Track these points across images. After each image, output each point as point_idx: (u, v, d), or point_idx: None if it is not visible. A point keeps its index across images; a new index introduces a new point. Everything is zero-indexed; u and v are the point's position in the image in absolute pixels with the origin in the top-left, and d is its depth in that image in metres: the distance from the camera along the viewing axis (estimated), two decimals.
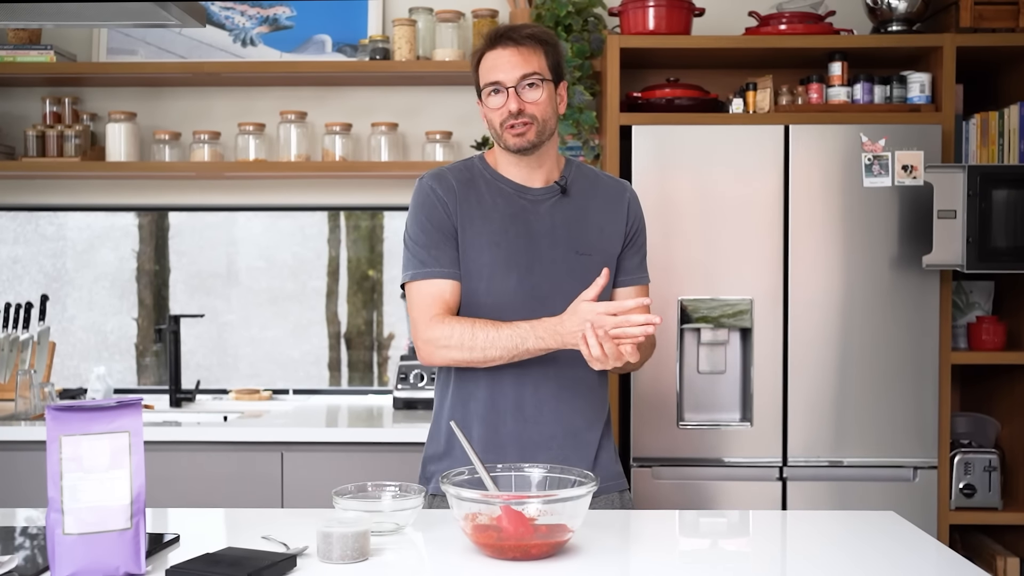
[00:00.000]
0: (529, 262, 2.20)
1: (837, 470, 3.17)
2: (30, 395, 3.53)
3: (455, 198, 2.22)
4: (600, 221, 2.27)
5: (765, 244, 3.17)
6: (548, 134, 2.21)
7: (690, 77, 3.62)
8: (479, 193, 2.24)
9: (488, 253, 2.20)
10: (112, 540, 1.63)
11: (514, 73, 2.16)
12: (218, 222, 4.05)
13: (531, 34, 2.19)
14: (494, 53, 2.19)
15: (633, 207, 2.33)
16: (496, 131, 2.20)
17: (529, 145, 2.18)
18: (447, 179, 2.24)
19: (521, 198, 2.24)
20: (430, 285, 2.20)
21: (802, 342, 3.17)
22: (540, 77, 2.18)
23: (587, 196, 2.27)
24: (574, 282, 2.18)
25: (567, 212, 2.24)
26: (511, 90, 2.16)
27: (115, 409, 1.65)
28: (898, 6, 3.38)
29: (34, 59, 3.65)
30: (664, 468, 3.18)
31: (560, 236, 2.23)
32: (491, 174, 2.27)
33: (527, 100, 2.17)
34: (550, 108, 2.20)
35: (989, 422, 3.53)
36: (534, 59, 2.18)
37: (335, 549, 1.73)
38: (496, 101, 2.18)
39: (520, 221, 2.22)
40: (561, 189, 2.25)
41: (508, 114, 2.16)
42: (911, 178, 3.14)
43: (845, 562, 1.81)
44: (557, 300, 2.16)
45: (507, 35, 2.18)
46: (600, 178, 2.34)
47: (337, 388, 4.04)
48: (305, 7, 3.81)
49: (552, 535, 1.75)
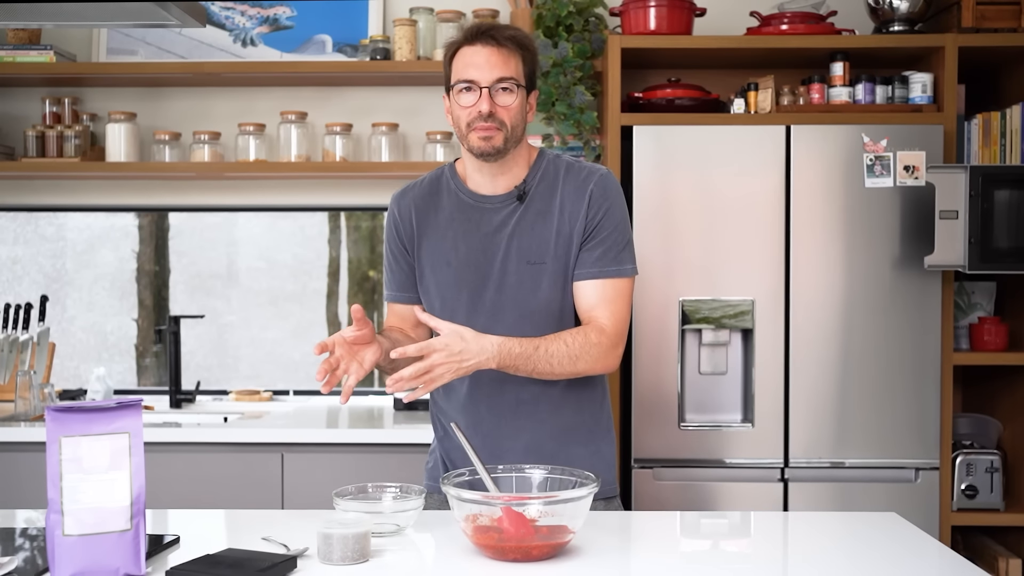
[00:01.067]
0: (480, 278, 2.18)
1: (839, 471, 3.16)
2: (30, 396, 3.53)
3: (412, 218, 2.24)
4: (558, 224, 2.17)
5: (766, 245, 3.16)
6: (515, 141, 2.14)
7: (691, 77, 3.61)
8: (439, 208, 2.23)
9: (441, 272, 2.20)
10: (112, 541, 1.63)
11: (491, 74, 2.10)
12: (218, 223, 4.04)
13: (512, 36, 2.13)
14: (472, 49, 2.12)
15: (596, 196, 2.16)
16: (461, 131, 2.15)
17: (493, 151, 2.12)
18: (407, 198, 2.27)
19: (478, 209, 2.20)
20: (389, 308, 2.30)
21: (804, 343, 3.16)
22: (515, 83, 2.12)
23: (548, 198, 2.19)
24: (525, 293, 2.16)
25: (521, 219, 2.18)
26: (485, 91, 2.09)
27: (115, 410, 1.64)
28: (900, 6, 3.38)
29: (34, 59, 3.64)
30: (665, 469, 3.17)
31: (512, 246, 2.17)
32: (456, 184, 2.24)
33: (499, 104, 2.10)
34: (520, 115, 2.13)
35: (991, 423, 3.53)
36: (512, 63, 2.12)
37: (335, 550, 1.72)
38: (467, 99, 2.12)
39: (474, 235, 2.19)
40: (518, 196, 2.19)
41: (477, 115, 2.10)
42: (913, 178, 3.13)
43: (847, 563, 1.81)
44: (508, 313, 2.16)
45: (489, 33, 2.12)
46: (570, 171, 2.20)
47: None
48: (305, 7, 3.81)
49: (553, 536, 1.75)
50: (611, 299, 2.16)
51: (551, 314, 2.18)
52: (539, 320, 2.17)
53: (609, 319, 2.14)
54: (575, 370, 2.11)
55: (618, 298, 2.17)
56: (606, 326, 2.13)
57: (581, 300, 2.18)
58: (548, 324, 2.17)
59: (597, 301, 2.16)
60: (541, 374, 2.09)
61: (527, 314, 2.17)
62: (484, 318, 2.16)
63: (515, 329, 2.12)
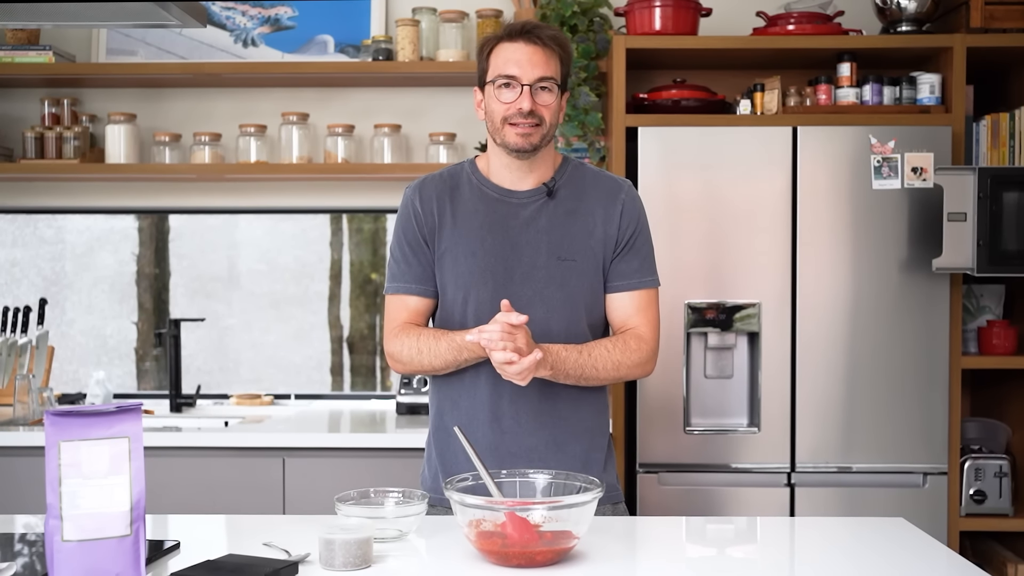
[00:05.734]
0: (507, 270, 2.18)
1: (846, 476, 3.14)
2: (28, 400, 3.51)
3: (433, 209, 2.23)
4: (589, 224, 2.21)
5: (773, 247, 3.14)
6: (548, 140, 2.19)
7: (697, 78, 3.59)
8: (461, 200, 2.23)
9: (464, 263, 2.20)
10: (112, 547, 1.62)
11: (534, 72, 2.13)
12: (219, 225, 4.02)
13: (553, 36, 2.17)
14: (514, 46, 2.15)
15: (629, 208, 2.23)
16: (496, 125, 2.16)
17: (531, 147, 2.15)
18: (427, 188, 2.26)
19: (504, 203, 2.22)
20: (397, 300, 2.25)
21: (810, 346, 3.14)
22: (555, 82, 2.16)
23: (577, 198, 2.22)
24: (555, 289, 2.18)
25: (552, 216, 2.20)
26: (527, 88, 2.13)
27: (115, 414, 1.64)
28: (907, 6, 3.36)
29: (33, 60, 3.62)
30: (670, 474, 3.15)
31: (542, 241, 2.19)
32: (478, 179, 2.25)
33: (539, 102, 2.14)
34: (556, 115, 2.19)
35: (1000, 427, 3.50)
36: (552, 63, 2.16)
37: (337, 556, 1.72)
38: (508, 95, 2.14)
39: (500, 228, 2.20)
40: (548, 191, 2.21)
41: (517, 111, 2.13)
42: (921, 180, 3.11)
43: (854, 570, 1.80)
44: (537, 308, 2.16)
45: (533, 32, 2.15)
46: (598, 178, 2.27)
47: (339, 393, 4.02)
48: (307, 7, 3.79)
49: (557, 542, 1.75)
50: (646, 309, 2.24)
51: (576, 311, 2.20)
52: (565, 315, 2.19)
53: (647, 327, 2.23)
54: (617, 376, 2.19)
55: (651, 307, 2.25)
56: (644, 333, 2.21)
57: (618, 310, 2.24)
58: (574, 320, 2.20)
59: (634, 311, 2.23)
60: (588, 380, 2.16)
61: (554, 309, 2.18)
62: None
63: (541, 324, 2.15)
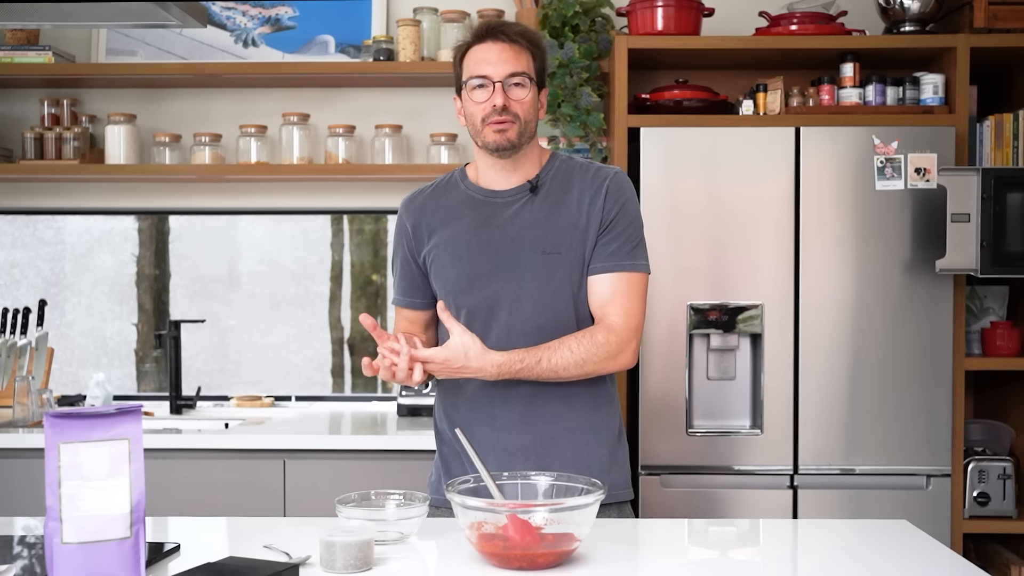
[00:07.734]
0: (493, 269, 2.20)
1: (849, 478, 3.13)
2: (28, 402, 3.50)
3: (419, 222, 2.27)
4: (574, 215, 2.20)
5: (775, 248, 3.14)
6: (528, 136, 2.19)
7: (699, 78, 3.59)
8: (449, 208, 2.26)
9: (452, 268, 2.22)
10: (111, 549, 1.62)
11: (503, 68, 2.15)
12: (219, 226, 4.01)
13: (522, 32, 2.19)
14: (483, 47, 2.17)
15: (613, 191, 2.20)
16: (476, 127, 2.18)
17: (508, 144, 2.16)
18: (414, 202, 2.31)
19: (489, 204, 2.23)
20: (397, 311, 2.37)
21: (813, 348, 3.13)
22: (527, 77, 2.17)
23: (563, 191, 2.22)
24: (541, 283, 2.18)
25: (536, 211, 2.21)
26: (498, 85, 2.14)
27: (114, 416, 1.64)
28: (911, 6, 3.35)
29: (32, 60, 3.61)
30: (673, 476, 3.14)
31: (527, 237, 2.20)
32: (465, 185, 2.28)
33: (512, 98, 2.15)
34: (532, 110, 2.19)
35: (1003, 429, 3.49)
36: (523, 58, 2.17)
37: (338, 559, 1.72)
38: (481, 95, 2.16)
39: (485, 229, 2.21)
40: (531, 187, 2.22)
41: (492, 109, 2.14)
42: (924, 181, 3.10)
43: (857, 572, 1.80)
44: (525, 303, 2.18)
45: (499, 30, 2.18)
46: (585, 169, 2.25)
47: (340, 395, 4.01)
48: (308, 7, 3.78)
49: (559, 544, 1.74)
50: (623, 294, 2.18)
51: (564, 304, 2.20)
52: (553, 309, 2.19)
53: (620, 316, 2.17)
54: (583, 373, 2.15)
55: (631, 293, 2.19)
56: (615, 323, 2.16)
57: (595, 295, 2.20)
58: (562, 313, 2.19)
59: (610, 296, 2.18)
60: (548, 380, 2.15)
61: (541, 303, 2.18)
62: (501, 311, 2.19)
63: (529, 320, 2.16)
